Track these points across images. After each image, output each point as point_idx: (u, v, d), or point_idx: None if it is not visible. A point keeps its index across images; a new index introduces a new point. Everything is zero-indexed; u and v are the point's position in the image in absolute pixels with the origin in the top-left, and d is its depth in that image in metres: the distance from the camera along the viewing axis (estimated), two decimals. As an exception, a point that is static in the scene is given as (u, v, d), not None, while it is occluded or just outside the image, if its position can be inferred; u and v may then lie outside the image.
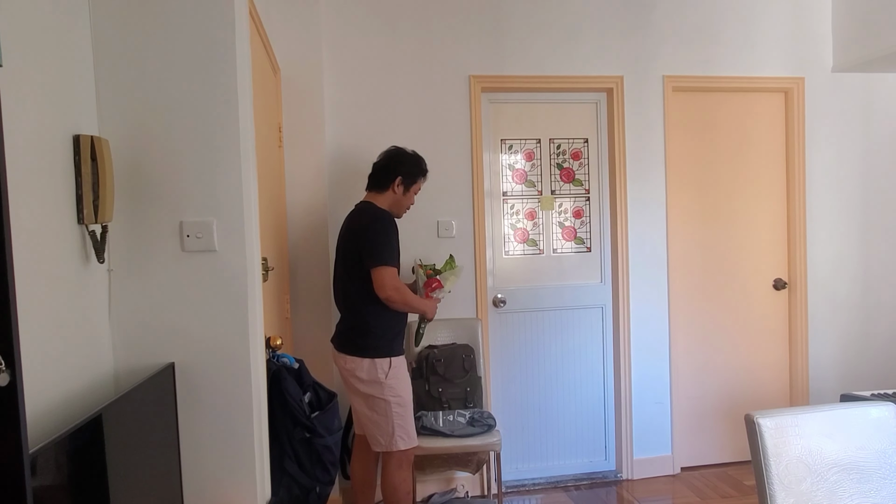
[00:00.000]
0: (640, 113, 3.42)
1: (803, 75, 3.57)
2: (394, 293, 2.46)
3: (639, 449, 3.48)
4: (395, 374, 2.51)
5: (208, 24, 1.69)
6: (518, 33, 3.30)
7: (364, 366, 2.49)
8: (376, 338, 2.51)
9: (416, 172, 2.67)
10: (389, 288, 2.44)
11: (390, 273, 2.46)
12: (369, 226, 2.51)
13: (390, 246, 2.48)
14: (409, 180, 2.65)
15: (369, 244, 2.46)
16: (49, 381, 1.30)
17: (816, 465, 1.47)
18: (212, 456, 1.75)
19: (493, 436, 2.84)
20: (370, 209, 2.60)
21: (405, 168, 2.64)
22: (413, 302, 2.57)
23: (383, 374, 2.48)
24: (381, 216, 2.55)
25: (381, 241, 2.46)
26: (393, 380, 2.50)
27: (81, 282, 1.50)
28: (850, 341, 3.69)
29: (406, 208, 2.72)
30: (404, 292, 2.51)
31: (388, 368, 2.49)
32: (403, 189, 2.64)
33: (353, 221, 2.61)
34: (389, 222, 2.54)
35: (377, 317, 2.51)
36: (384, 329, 2.53)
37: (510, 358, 3.43)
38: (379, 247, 2.46)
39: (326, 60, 3.13)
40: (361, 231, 2.51)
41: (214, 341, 1.73)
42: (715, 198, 3.59)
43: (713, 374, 3.61)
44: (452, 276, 2.80)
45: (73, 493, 1.17)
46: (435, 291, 2.73)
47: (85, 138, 1.47)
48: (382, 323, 2.52)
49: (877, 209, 3.69)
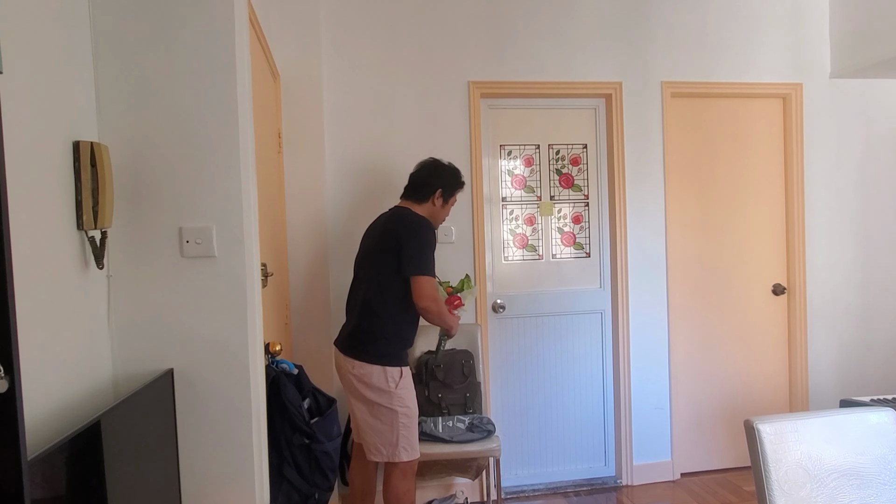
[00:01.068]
0: (639, 119, 3.43)
1: (801, 81, 3.58)
2: (433, 304, 2.44)
3: (638, 455, 3.48)
4: (404, 384, 2.47)
5: (208, 31, 1.69)
6: (517, 39, 3.32)
7: (374, 373, 2.43)
8: (389, 345, 2.47)
9: (454, 185, 2.68)
10: (429, 298, 2.43)
11: (431, 283, 2.44)
12: (412, 232, 2.46)
13: (431, 256, 2.47)
14: (448, 193, 2.66)
15: (411, 252, 2.42)
16: (48, 388, 1.29)
17: (816, 470, 1.47)
18: (211, 462, 1.74)
19: (492, 441, 2.84)
20: (412, 216, 2.55)
21: (445, 181, 2.65)
22: (446, 316, 2.55)
23: (393, 384, 2.44)
24: (425, 224, 2.52)
25: (423, 250, 2.44)
26: (402, 390, 2.46)
27: (81, 288, 1.50)
28: (850, 346, 3.69)
29: (441, 220, 2.72)
30: (441, 304, 2.51)
31: (398, 378, 2.45)
32: (442, 202, 2.64)
33: (390, 224, 2.54)
34: (432, 231, 2.52)
35: (397, 324, 2.48)
36: (399, 337, 2.50)
37: (510, 363, 3.43)
38: (421, 255, 2.42)
39: (326, 66, 3.14)
40: (403, 236, 2.45)
41: (213, 347, 1.73)
42: (714, 203, 3.59)
43: (712, 379, 3.61)
44: (470, 295, 2.86)
45: (72, 500, 1.17)
46: (457, 309, 2.74)
47: (85, 144, 1.47)
48: (399, 331, 2.49)
49: (875, 214, 3.70)
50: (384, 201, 3.09)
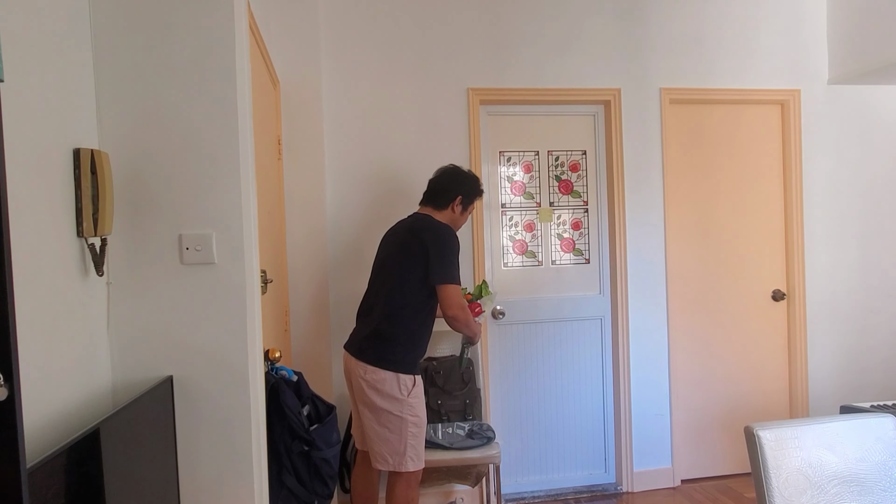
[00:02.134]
0: (638, 125, 3.44)
1: (799, 87, 3.60)
2: (460, 312, 2.44)
3: (639, 461, 3.47)
4: (416, 392, 2.44)
5: (208, 39, 1.70)
6: (516, 46, 3.33)
7: (387, 379, 2.40)
8: (405, 352, 2.44)
9: (474, 192, 2.68)
10: (457, 306, 2.42)
11: (458, 291, 2.44)
12: (438, 240, 2.44)
13: (457, 264, 2.46)
14: (468, 200, 2.65)
15: (438, 260, 2.40)
16: (47, 395, 1.29)
17: (817, 477, 1.47)
18: (210, 469, 1.74)
19: (492, 448, 2.83)
20: (436, 223, 2.53)
21: (465, 188, 2.64)
22: (472, 324, 2.54)
23: (406, 391, 2.41)
24: (450, 232, 2.51)
25: (450, 258, 2.43)
26: (414, 398, 2.43)
27: (80, 295, 1.50)
28: (850, 352, 3.69)
29: (460, 227, 2.70)
30: (468, 312, 2.50)
31: (411, 386, 2.43)
32: (462, 209, 2.63)
33: (416, 231, 2.50)
34: (456, 239, 2.50)
35: (416, 331, 2.46)
36: (414, 344, 2.47)
37: (509, 370, 3.43)
38: (449, 263, 2.41)
39: (325, 74, 3.15)
40: (429, 244, 2.43)
41: (213, 354, 1.72)
42: (713, 209, 3.60)
43: (713, 385, 3.61)
44: (490, 301, 2.85)
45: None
46: (478, 316, 2.74)
47: (85, 152, 1.48)
48: (416, 338, 2.47)
49: (874, 220, 3.71)
50: (384, 208, 3.10)
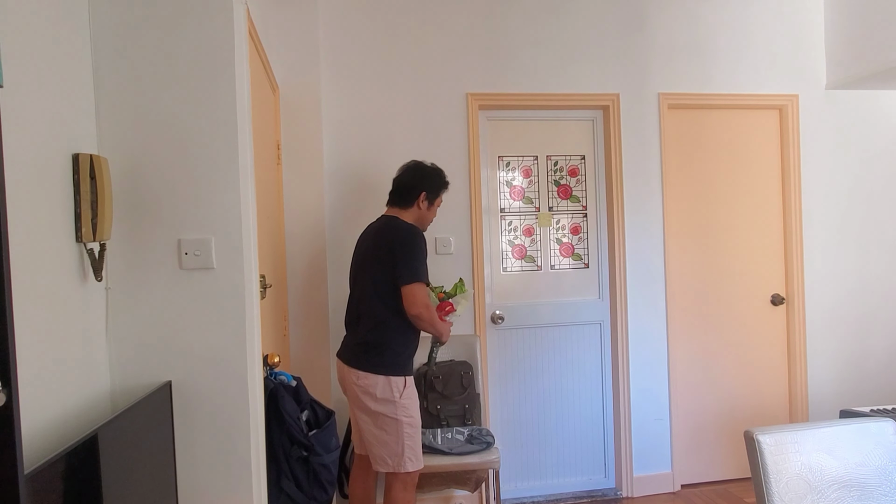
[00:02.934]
0: (637, 130, 3.45)
1: (797, 92, 3.61)
2: (424, 310, 2.43)
3: (638, 466, 3.46)
4: (408, 393, 2.47)
5: (208, 45, 1.70)
6: (515, 51, 3.34)
7: (379, 383, 2.43)
8: (395, 355, 2.46)
9: (439, 186, 2.66)
10: (421, 305, 2.41)
11: (422, 290, 2.43)
12: (405, 242, 2.46)
13: (423, 262, 2.45)
14: (433, 194, 2.64)
15: (402, 260, 2.42)
16: (45, 400, 1.29)
17: (817, 481, 1.46)
18: (208, 475, 1.73)
19: (491, 453, 2.82)
20: (400, 224, 2.55)
21: (428, 183, 2.63)
22: (437, 322, 2.53)
23: (398, 393, 2.43)
24: (414, 232, 2.51)
25: (414, 257, 2.43)
26: (407, 399, 2.45)
27: (79, 300, 1.50)
28: (849, 357, 3.69)
29: (429, 223, 2.70)
30: (433, 311, 2.49)
31: (402, 388, 2.45)
32: (428, 204, 2.63)
33: (381, 235, 2.54)
34: (422, 238, 2.50)
35: (399, 334, 2.48)
36: (402, 347, 2.49)
37: (509, 375, 3.42)
38: (412, 263, 2.42)
39: (325, 78, 3.16)
40: (394, 246, 2.45)
41: (212, 359, 1.72)
42: (711, 214, 3.60)
43: (712, 390, 3.60)
44: (463, 299, 2.80)
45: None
46: (449, 315, 2.72)
47: (84, 157, 1.48)
48: (403, 341, 2.49)
49: (872, 224, 3.71)
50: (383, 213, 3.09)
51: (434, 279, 3.04)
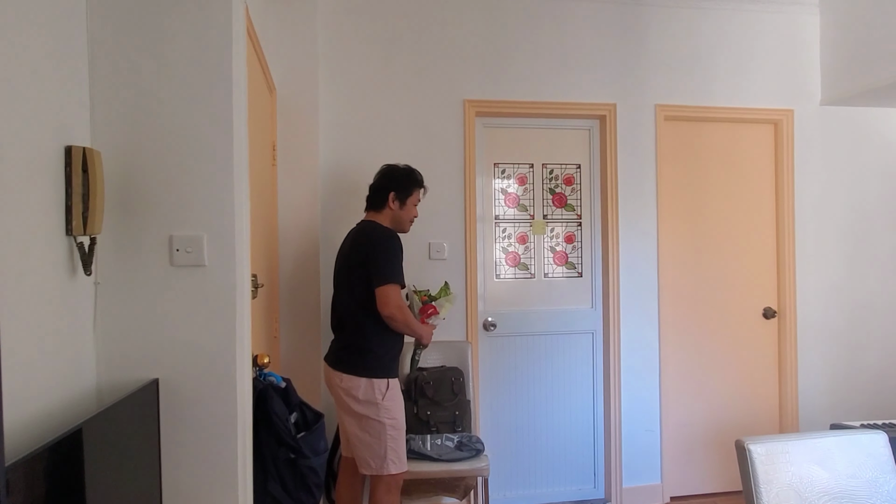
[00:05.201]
0: (633, 140, 3.46)
1: (792, 107, 3.63)
2: (397, 311, 2.44)
3: (628, 477, 3.45)
4: (391, 395, 2.49)
5: (205, 41, 1.69)
6: (513, 59, 3.35)
7: (361, 385, 2.46)
8: (376, 357, 2.49)
9: (408, 185, 2.66)
10: (393, 306, 2.43)
11: (395, 291, 2.45)
12: (376, 243, 2.50)
13: (396, 264, 2.47)
14: (403, 194, 2.65)
15: (375, 262, 2.45)
16: (29, 394, 1.27)
17: (807, 492, 1.46)
18: (194, 475, 1.71)
19: (481, 461, 2.80)
20: (374, 227, 2.59)
21: (395, 182, 2.65)
22: (413, 324, 2.55)
23: (380, 395, 2.45)
24: (387, 234, 2.54)
25: (387, 259, 2.46)
26: (389, 402, 2.47)
27: (67, 294, 1.48)
28: (840, 371, 3.69)
29: (409, 222, 2.70)
30: (406, 312, 2.50)
31: (385, 390, 2.47)
32: (399, 204, 2.64)
33: (356, 240, 2.59)
34: (395, 240, 2.53)
35: (378, 336, 2.50)
36: (384, 349, 2.51)
37: (500, 382, 3.41)
38: (385, 265, 2.45)
39: (322, 81, 3.15)
40: (368, 249, 2.50)
41: (200, 358, 1.70)
42: (705, 226, 3.61)
43: (703, 402, 3.60)
44: (447, 302, 2.81)
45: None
46: (431, 318, 2.71)
47: (77, 149, 1.46)
48: (383, 343, 2.51)
49: (864, 239, 3.73)
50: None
51: (426, 284, 3.03)
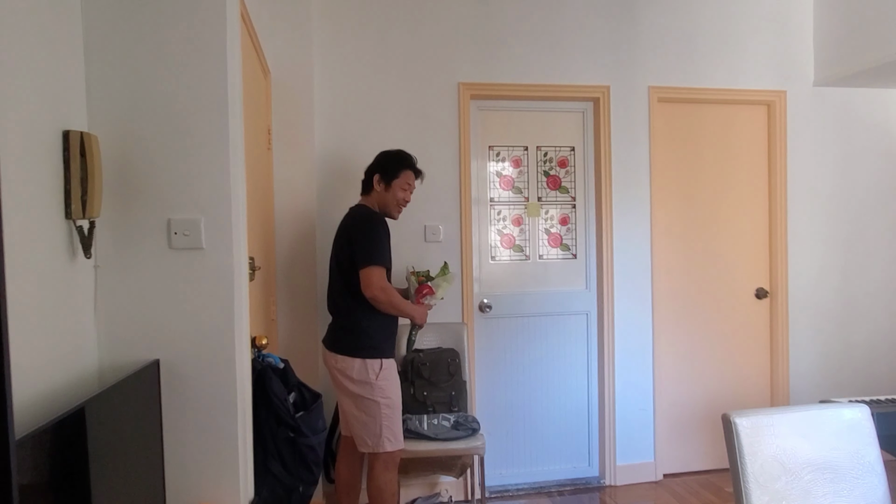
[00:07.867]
0: (626, 122, 3.48)
1: (785, 89, 3.65)
2: (379, 293, 2.47)
3: (622, 455, 3.51)
4: (385, 375, 2.53)
5: (200, 25, 1.70)
6: (507, 42, 3.35)
7: (355, 365, 2.51)
8: (368, 338, 2.54)
9: (393, 167, 2.66)
10: (376, 287, 2.46)
11: (378, 273, 2.48)
12: (359, 226, 2.56)
13: (379, 246, 2.50)
14: (388, 176, 2.65)
15: (358, 244, 2.50)
16: (33, 375, 1.30)
17: (791, 464, 1.50)
18: (195, 454, 1.75)
19: (477, 440, 2.86)
20: (360, 210, 2.65)
21: (379, 165, 2.69)
22: (400, 304, 2.58)
23: (374, 375, 2.50)
24: (370, 217, 2.59)
25: (369, 241, 2.50)
26: (383, 381, 2.52)
27: (68, 277, 1.50)
28: (830, 350, 3.75)
29: (397, 205, 2.67)
30: (390, 293, 2.53)
31: (378, 369, 2.52)
32: (384, 186, 2.65)
33: (344, 223, 2.66)
34: (378, 223, 2.56)
35: (369, 318, 2.54)
36: (376, 330, 2.55)
37: (495, 363, 3.45)
38: (368, 246, 2.49)
39: (317, 64, 3.15)
40: (352, 231, 2.56)
41: (200, 339, 1.73)
42: (698, 207, 3.64)
43: (696, 381, 3.66)
44: (445, 283, 2.82)
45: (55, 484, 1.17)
46: (426, 298, 2.74)
47: (74, 134, 1.48)
48: (374, 324, 2.55)
49: (856, 220, 3.77)
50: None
51: (422, 266, 3.07)
